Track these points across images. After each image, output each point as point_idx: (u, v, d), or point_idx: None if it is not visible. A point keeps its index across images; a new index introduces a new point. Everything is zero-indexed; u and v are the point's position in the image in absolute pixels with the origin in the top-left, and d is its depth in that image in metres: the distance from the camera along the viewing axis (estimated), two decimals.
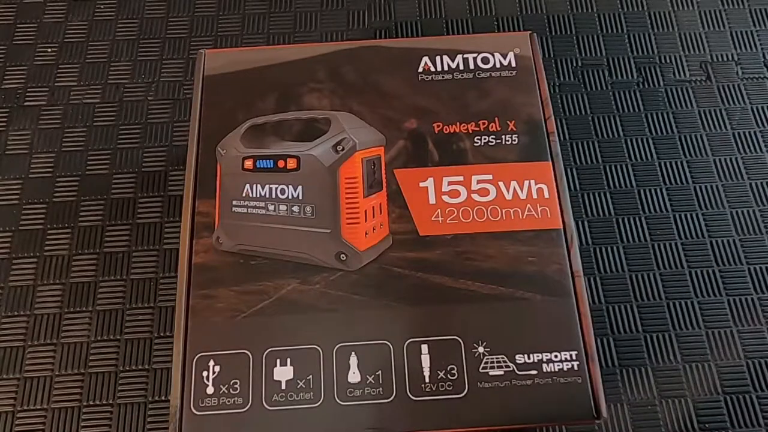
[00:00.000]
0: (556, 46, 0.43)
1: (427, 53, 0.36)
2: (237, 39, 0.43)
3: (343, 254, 0.31)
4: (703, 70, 0.42)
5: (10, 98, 0.41)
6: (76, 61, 0.42)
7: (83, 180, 0.39)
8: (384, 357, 0.29)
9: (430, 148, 0.34)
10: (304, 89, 0.35)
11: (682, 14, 0.44)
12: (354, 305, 0.30)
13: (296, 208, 0.32)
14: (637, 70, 0.42)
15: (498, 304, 0.30)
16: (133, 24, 0.44)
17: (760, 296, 0.37)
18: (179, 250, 0.32)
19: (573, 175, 0.39)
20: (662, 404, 0.34)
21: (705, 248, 0.38)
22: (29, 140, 0.40)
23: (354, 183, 0.33)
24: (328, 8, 0.44)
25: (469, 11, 0.44)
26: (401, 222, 0.32)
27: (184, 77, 0.42)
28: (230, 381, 0.29)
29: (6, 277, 0.36)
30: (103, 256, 0.37)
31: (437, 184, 0.33)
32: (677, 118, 0.41)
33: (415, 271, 0.31)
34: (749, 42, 0.43)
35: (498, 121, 0.34)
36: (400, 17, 0.44)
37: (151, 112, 0.41)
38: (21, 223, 0.38)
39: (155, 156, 0.39)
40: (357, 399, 0.29)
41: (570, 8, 0.44)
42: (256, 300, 0.31)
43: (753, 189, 0.39)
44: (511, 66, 0.36)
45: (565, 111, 0.41)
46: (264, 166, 0.33)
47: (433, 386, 0.29)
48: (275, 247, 0.32)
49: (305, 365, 0.29)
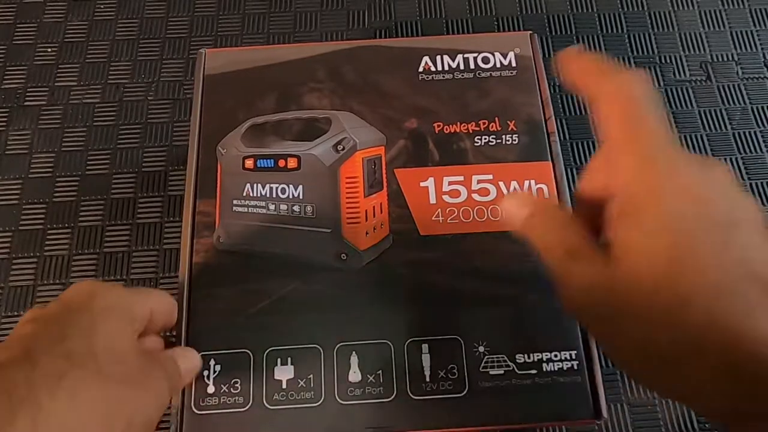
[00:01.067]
0: (556, 46, 0.43)
1: (427, 53, 0.36)
2: (237, 39, 0.43)
3: (344, 254, 0.31)
4: (703, 70, 0.42)
5: (10, 98, 0.41)
6: (76, 61, 0.42)
7: (83, 180, 0.39)
8: (384, 356, 0.29)
9: (431, 147, 0.34)
10: (304, 89, 0.35)
11: (682, 14, 0.44)
12: (354, 305, 0.30)
13: (297, 208, 0.32)
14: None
15: (498, 303, 0.30)
16: (133, 24, 0.44)
17: None
18: (180, 249, 0.32)
19: (573, 175, 0.39)
20: (662, 404, 0.34)
21: None
22: (29, 140, 0.40)
23: (354, 182, 0.33)
24: (328, 8, 0.44)
25: (469, 11, 0.44)
26: (402, 222, 0.32)
27: (184, 77, 0.42)
28: (231, 380, 0.29)
29: (6, 277, 0.36)
30: (103, 256, 0.37)
31: (438, 183, 0.33)
32: (677, 118, 0.41)
33: (415, 271, 0.31)
34: (749, 42, 0.43)
35: (498, 121, 0.34)
36: (400, 17, 0.44)
37: (151, 112, 0.41)
38: (21, 223, 0.38)
39: (155, 156, 0.39)
40: (357, 398, 0.29)
41: (570, 8, 0.44)
42: (257, 299, 0.31)
43: (753, 189, 0.39)
44: (512, 66, 0.36)
45: (565, 111, 0.41)
46: (264, 165, 0.33)
47: (434, 385, 0.29)
48: (276, 247, 0.32)
49: (306, 364, 0.29)
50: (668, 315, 0.19)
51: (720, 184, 0.20)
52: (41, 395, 0.20)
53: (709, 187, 0.20)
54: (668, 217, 0.20)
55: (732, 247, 0.19)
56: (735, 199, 0.20)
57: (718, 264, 0.19)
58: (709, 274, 0.19)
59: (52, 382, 0.21)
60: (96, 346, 0.22)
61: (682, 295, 0.19)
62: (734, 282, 0.19)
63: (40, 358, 0.21)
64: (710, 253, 0.19)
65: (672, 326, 0.19)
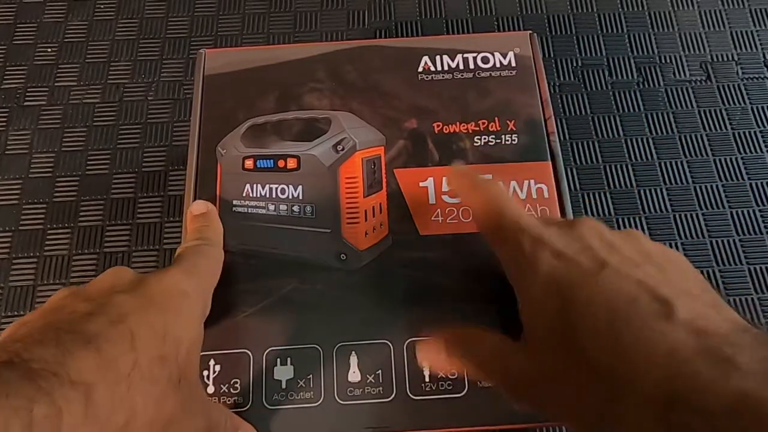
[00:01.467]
0: (556, 46, 0.43)
1: (427, 53, 0.36)
2: (237, 39, 0.43)
3: (343, 254, 0.31)
4: (703, 70, 0.42)
5: (10, 98, 0.41)
6: (76, 61, 0.42)
7: (83, 180, 0.39)
8: (384, 356, 0.29)
9: (430, 147, 0.34)
10: (304, 89, 0.35)
11: (682, 14, 0.44)
12: (354, 305, 0.30)
13: (296, 208, 0.32)
14: (637, 70, 0.42)
15: (497, 303, 0.30)
16: (133, 24, 0.44)
17: (760, 296, 0.37)
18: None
19: (573, 175, 0.39)
20: None
21: (705, 248, 0.38)
22: (29, 140, 0.40)
23: (354, 183, 0.33)
24: (328, 8, 0.44)
25: (469, 11, 0.44)
26: (401, 222, 0.32)
27: (184, 77, 0.42)
28: (231, 380, 0.29)
29: (6, 277, 0.36)
30: (103, 256, 0.37)
31: (437, 183, 0.33)
32: (677, 118, 0.41)
33: (415, 271, 0.31)
34: (749, 42, 0.43)
35: (498, 121, 0.34)
36: (400, 17, 0.44)
37: (151, 112, 0.41)
38: (21, 223, 0.38)
39: (155, 156, 0.39)
40: (357, 398, 0.29)
41: (570, 8, 0.44)
42: (257, 299, 0.31)
43: (753, 189, 0.39)
44: (511, 66, 0.36)
45: (565, 111, 0.41)
46: (264, 165, 0.33)
47: (433, 385, 0.29)
48: (275, 247, 0.32)
49: (305, 364, 0.29)
50: (575, 354, 0.21)
51: (583, 237, 0.23)
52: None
53: (574, 244, 0.23)
54: (544, 281, 0.22)
55: (604, 280, 0.21)
56: (599, 244, 0.23)
57: (596, 299, 0.21)
58: (592, 308, 0.21)
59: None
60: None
61: (579, 337, 0.20)
62: (616, 307, 0.20)
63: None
64: (588, 293, 0.21)
65: (580, 369, 0.20)
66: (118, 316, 0.22)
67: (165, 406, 0.22)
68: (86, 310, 0.22)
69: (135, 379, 0.21)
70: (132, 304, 0.23)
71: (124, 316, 0.22)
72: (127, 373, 0.21)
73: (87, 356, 0.20)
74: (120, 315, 0.22)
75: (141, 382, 0.21)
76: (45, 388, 0.19)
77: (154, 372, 0.22)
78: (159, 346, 0.22)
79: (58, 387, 0.19)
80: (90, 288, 0.24)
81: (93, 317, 0.22)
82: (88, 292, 0.24)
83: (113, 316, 0.22)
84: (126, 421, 0.20)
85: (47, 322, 0.21)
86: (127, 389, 0.21)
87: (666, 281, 0.21)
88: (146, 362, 0.22)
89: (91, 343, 0.21)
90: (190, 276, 0.26)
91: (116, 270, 0.25)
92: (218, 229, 0.31)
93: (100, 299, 0.23)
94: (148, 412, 0.21)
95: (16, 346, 0.20)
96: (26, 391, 0.18)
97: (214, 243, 0.30)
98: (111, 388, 0.20)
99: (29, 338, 0.20)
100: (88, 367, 0.20)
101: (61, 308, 0.23)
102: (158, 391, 0.22)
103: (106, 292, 0.23)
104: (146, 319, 0.23)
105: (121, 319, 0.22)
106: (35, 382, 0.19)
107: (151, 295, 0.24)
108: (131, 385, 0.21)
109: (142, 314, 0.23)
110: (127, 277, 0.25)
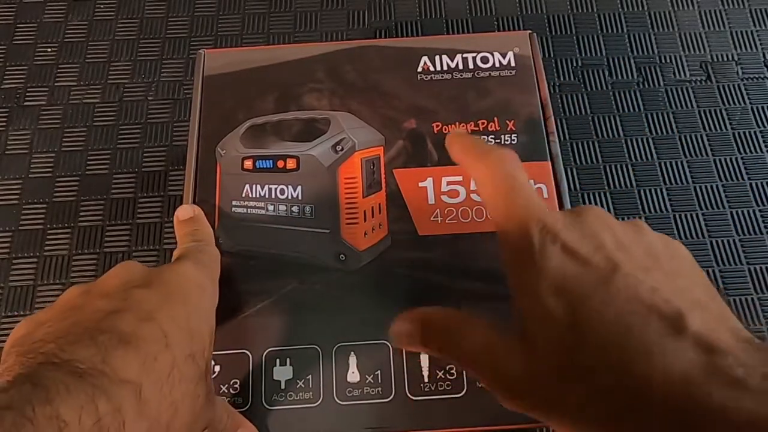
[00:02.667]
0: (556, 46, 0.43)
1: (426, 53, 0.36)
2: (237, 39, 0.43)
3: (343, 254, 0.31)
4: (703, 70, 0.42)
5: (10, 98, 0.41)
6: (76, 61, 0.42)
7: (83, 180, 0.39)
8: (383, 357, 0.29)
9: (430, 148, 0.34)
10: (303, 89, 0.35)
11: (682, 14, 0.44)
12: (353, 305, 0.30)
13: (296, 208, 0.32)
14: (637, 70, 0.42)
15: (497, 303, 0.30)
16: (133, 24, 0.44)
17: (760, 296, 0.37)
18: None
19: (573, 175, 0.39)
20: None
21: (705, 248, 0.38)
22: (29, 140, 0.40)
23: (353, 183, 0.33)
24: (328, 8, 0.44)
25: (469, 11, 0.44)
26: (400, 222, 0.32)
27: (184, 77, 0.42)
28: (230, 380, 0.29)
29: (6, 277, 0.36)
30: (103, 256, 0.37)
31: (436, 184, 0.33)
32: (677, 118, 0.41)
33: (414, 271, 0.31)
34: (749, 42, 0.43)
35: (497, 120, 0.34)
36: (400, 17, 0.44)
37: (151, 112, 0.41)
38: (21, 223, 0.38)
39: (155, 156, 0.39)
40: (356, 398, 0.29)
41: (570, 8, 0.44)
42: (256, 300, 0.31)
43: (753, 189, 0.39)
44: (511, 65, 0.36)
45: (564, 111, 0.41)
46: (264, 166, 0.33)
47: (432, 386, 0.29)
48: (275, 247, 0.32)
49: (305, 365, 0.29)
50: (581, 368, 0.19)
51: (594, 233, 0.21)
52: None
53: (586, 242, 0.21)
54: (551, 281, 0.20)
55: (617, 287, 0.20)
56: (611, 241, 0.21)
57: (607, 311, 0.19)
58: (603, 320, 0.19)
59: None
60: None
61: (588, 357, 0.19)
62: (628, 323, 0.19)
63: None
64: (599, 303, 0.19)
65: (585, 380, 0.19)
66: (145, 314, 0.22)
67: (197, 404, 0.22)
68: (110, 308, 0.22)
69: (175, 379, 0.21)
70: (154, 299, 0.23)
71: (151, 313, 0.22)
72: (167, 373, 0.21)
73: (127, 355, 0.20)
74: (147, 312, 0.22)
75: (180, 383, 0.21)
76: (100, 386, 0.19)
77: (188, 371, 0.22)
78: (189, 344, 0.23)
79: (109, 385, 0.19)
80: (103, 284, 0.24)
81: (120, 315, 0.22)
82: (103, 289, 0.24)
83: (140, 313, 0.22)
84: (169, 420, 0.21)
85: (72, 322, 0.21)
86: (169, 390, 0.21)
87: (677, 290, 0.20)
88: (182, 361, 0.22)
89: (129, 343, 0.21)
90: (202, 269, 0.27)
91: (126, 264, 0.25)
92: (209, 231, 0.31)
93: (118, 295, 0.23)
94: (186, 411, 0.21)
95: (49, 347, 0.20)
96: (84, 387, 0.18)
97: (209, 243, 0.30)
98: (156, 387, 0.20)
99: (61, 339, 0.20)
100: (131, 366, 0.20)
101: (80, 307, 0.22)
102: (192, 389, 0.22)
103: (122, 288, 0.23)
104: (172, 315, 0.23)
105: (150, 316, 0.22)
106: (87, 381, 0.19)
107: (169, 289, 0.24)
108: (173, 385, 0.21)
109: (168, 310, 0.23)
110: (139, 271, 0.25)
